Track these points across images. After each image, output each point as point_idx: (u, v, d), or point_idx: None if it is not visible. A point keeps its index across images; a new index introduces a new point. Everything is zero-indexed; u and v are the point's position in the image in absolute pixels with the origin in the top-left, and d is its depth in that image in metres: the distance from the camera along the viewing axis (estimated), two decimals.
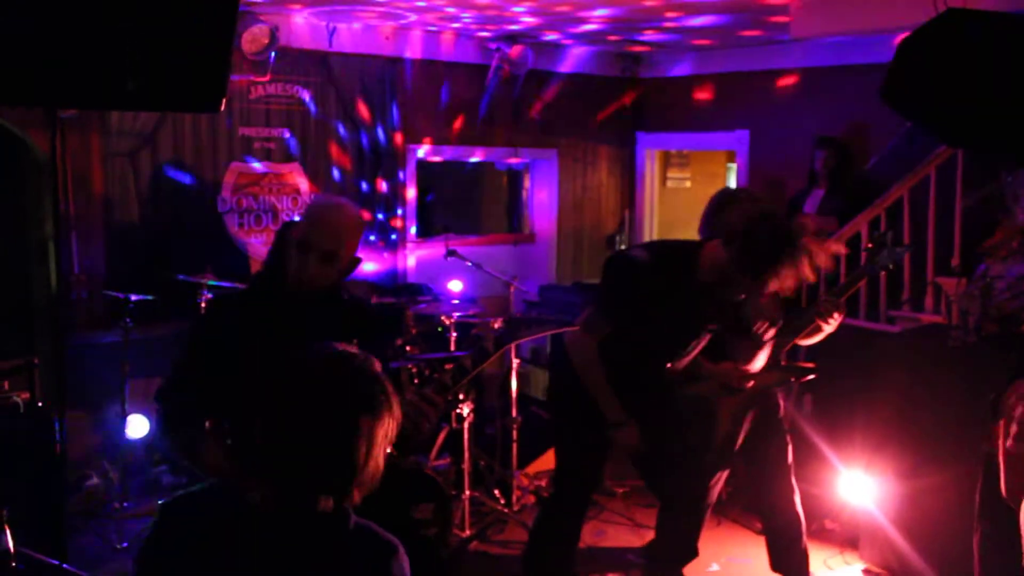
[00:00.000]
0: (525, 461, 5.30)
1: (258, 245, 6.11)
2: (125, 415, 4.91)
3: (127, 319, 4.90)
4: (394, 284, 6.63)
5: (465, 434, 4.81)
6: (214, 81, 3.01)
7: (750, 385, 3.62)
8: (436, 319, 5.34)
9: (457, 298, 5.91)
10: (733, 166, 8.45)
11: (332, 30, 6.21)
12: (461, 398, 4.82)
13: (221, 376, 2.58)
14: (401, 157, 6.75)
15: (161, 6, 2.82)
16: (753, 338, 3.59)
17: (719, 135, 7.51)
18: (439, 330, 5.31)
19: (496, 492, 5.11)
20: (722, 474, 3.93)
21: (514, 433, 5.11)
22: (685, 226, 8.37)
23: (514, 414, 5.12)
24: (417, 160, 6.90)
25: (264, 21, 5.69)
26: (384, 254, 6.72)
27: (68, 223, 5.37)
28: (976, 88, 2.79)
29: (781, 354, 3.73)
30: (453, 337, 5.21)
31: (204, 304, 4.97)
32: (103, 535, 4.59)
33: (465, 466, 4.82)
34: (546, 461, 5.33)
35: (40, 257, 3.98)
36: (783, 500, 3.93)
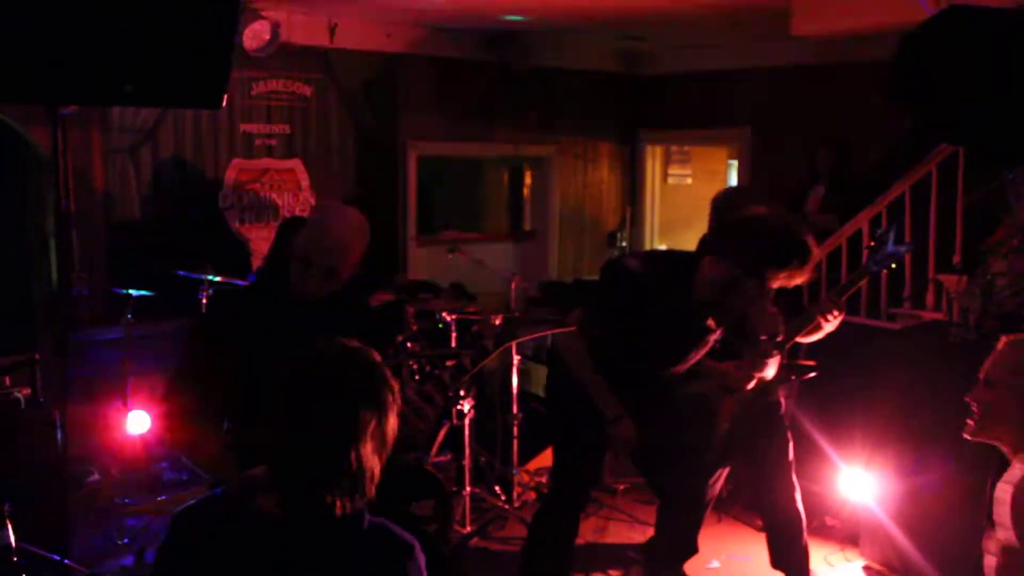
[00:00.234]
0: (526, 457, 5.29)
1: (259, 241, 6.11)
2: (126, 411, 4.91)
3: (128, 315, 4.90)
4: (395, 281, 6.63)
5: (466, 430, 4.81)
6: (215, 77, 3.02)
7: (751, 385, 3.62)
8: (437, 315, 5.34)
9: (458, 294, 5.90)
10: (734, 163, 8.45)
11: (333, 26, 6.21)
12: (462, 394, 4.82)
13: (223, 373, 2.59)
14: (402, 153, 6.75)
15: (163, 3, 2.83)
16: (757, 346, 3.58)
17: (720, 132, 7.50)
18: (440, 327, 5.30)
19: (497, 488, 5.10)
20: (723, 471, 3.93)
21: (515, 429, 5.11)
22: (686, 223, 8.36)
23: (515, 410, 5.11)
24: (418, 156, 6.90)
25: (265, 17, 5.69)
26: (385, 251, 6.72)
27: (69, 219, 5.36)
28: (978, 85, 2.78)
29: (783, 352, 3.73)
30: (454, 334, 5.20)
31: (205, 300, 4.98)
32: (104, 531, 4.59)
33: (466, 462, 4.82)
34: (547, 457, 5.31)
35: (41, 253, 3.98)
36: (784, 497, 3.93)
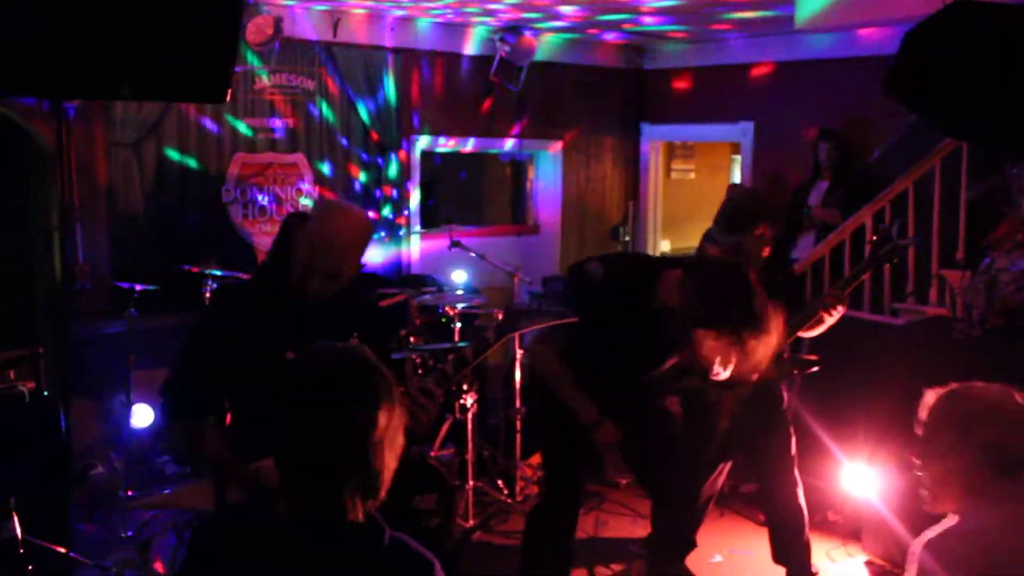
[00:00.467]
0: (528, 452, 5.29)
1: (262, 236, 6.12)
2: (130, 404, 4.93)
3: (132, 309, 4.92)
4: (398, 275, 6.64)
5: (469, 425, 4.82)
6: (219, 72, 3.02)
7: (755, 379, 3.60)
8: (440, 310, 5.35)
9: (461, 289, 5.91)
10: (737, 158, 8.45)
11: (336, 20, 6.21)
12: (465, 389, 4.83)
13: (226, 368, 2.59)
14: (405, 148, 6.75)
15: None
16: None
17: (723, 127, 7.48)
18: (443, 321, 5.31)
19: (499, 482, 5.11)
20: (724, 467, 3.92)
21: (517, 424, 5.11)
22: (689, 218, 8.37)
23: (517, 405, 5.12)
24: (421, 151, 6.90)
25: (269, 11, 5.69)
26: (388, 245, 6.72)
27: (72, 214, 5.37)
28: (981, 80, 2.78)
29: (784, 347, 3.72)
30: (457, 328, 5.21)
31: (208, 294, 4.99)
32: (108, 524, 4.61)
33: (469, 456, 4.83)
34: None
35: (45, 248, 3.99)
36: (786, 492, 3.93)
